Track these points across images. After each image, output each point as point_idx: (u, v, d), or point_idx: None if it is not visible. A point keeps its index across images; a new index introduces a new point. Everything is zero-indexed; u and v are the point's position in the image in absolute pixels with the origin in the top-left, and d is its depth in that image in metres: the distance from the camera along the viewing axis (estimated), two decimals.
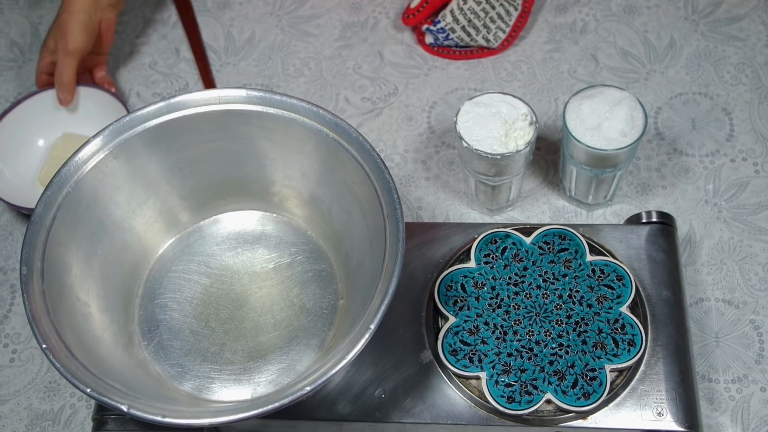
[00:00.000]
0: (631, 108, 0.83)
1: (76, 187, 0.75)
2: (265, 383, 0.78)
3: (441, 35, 1.00)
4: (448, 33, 0.99)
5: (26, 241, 0.72)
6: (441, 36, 1.00)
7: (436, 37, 1.01)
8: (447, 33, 0.99)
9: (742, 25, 1.06)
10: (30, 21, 1.14)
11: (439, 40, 1.01)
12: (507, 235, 0.83)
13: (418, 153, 0.99)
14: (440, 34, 1.00)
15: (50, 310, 0.69)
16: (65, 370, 0.65)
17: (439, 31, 1.00)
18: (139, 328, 0.81)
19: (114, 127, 0.77)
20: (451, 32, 0.99)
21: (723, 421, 0.82)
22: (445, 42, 1.02)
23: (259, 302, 0.82)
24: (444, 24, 0.99)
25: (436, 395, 0.76)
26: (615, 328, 0.77)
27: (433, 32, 1.01)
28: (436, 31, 1.00)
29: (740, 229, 0.92)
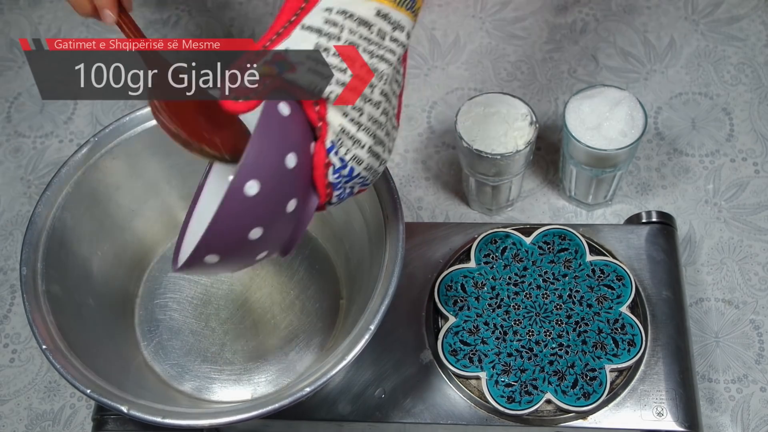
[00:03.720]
0: (631, 108, 0.83)
1: (76, 188, 0.75)
2: (265, 383, 0.78)
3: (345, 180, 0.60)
4: (352, 169, 0.59)
5: (26, 241, 0.72)
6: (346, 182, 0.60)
7: (340, 183, 0.60)
8: (351, 170, 0.59)
9: (742, 25, 1.05)
10: (30, 21, 1.14)
11: (344, 191, 0.60)
12: (507, 235, 0.83)
13: (418, 153, 0.99)
14: (343, 171, 0.59)
15: (50, 310, 0.69)
16: (65, 371, 0.66)
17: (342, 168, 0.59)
18: (139, 328, 0.81)
19: (114, 127, 0.77)
20: (356, 163, 0.58)
21: (723, 421, 0.82)
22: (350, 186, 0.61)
23: (259, 302, 0.82)
24: (344, 153, 0.58)
25: (436, 395, 0.76)
26: (615, 328, 0.77)
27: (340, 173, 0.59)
28: (339, 168, 0.59)
29: (740, 229, 0.92)
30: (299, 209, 0.58)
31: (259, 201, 0.55)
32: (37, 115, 1.06)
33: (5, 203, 1.00)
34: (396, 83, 0.61)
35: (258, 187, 0.54)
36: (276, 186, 0.56)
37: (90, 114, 1.06)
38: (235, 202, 0.54)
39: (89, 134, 1.02)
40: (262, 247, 0.58)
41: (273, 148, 0.55)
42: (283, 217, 0.57)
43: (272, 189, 0.55)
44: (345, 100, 0.57)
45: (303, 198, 0.58)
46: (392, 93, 0.60)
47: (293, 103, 0.58)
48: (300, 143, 0.57)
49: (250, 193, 0.54)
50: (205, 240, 0.55)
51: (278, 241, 0.59)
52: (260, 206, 0.55)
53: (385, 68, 0.58)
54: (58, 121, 1.05)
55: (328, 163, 0.58)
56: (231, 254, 0.57)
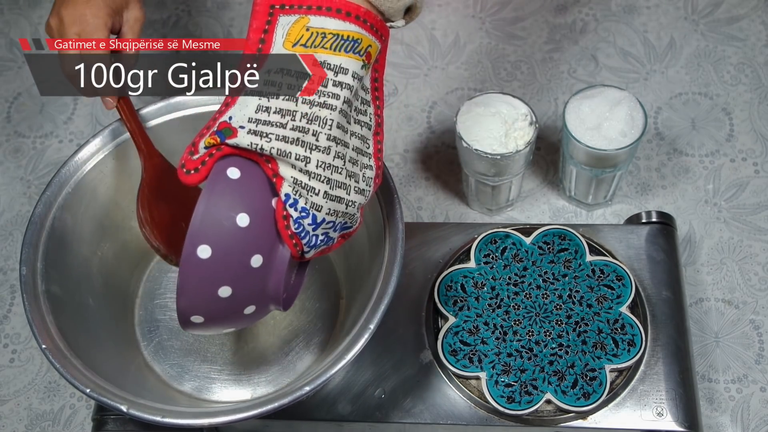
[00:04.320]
0: (631, 108, 0.83)
1: (76, 188, 0.75)
2: (264, 383, 0.78)
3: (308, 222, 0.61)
4: (314, 216, 0.61)
5: (26, 241, 0.72)
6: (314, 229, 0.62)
7: (305, 231, 0.61)
8: (314, 217, 0.61)
9: (742, 25, 1.05)
10: (30, 21, 1.14)
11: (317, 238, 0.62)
12: (507, 235, 0.83)
13: (417, 153, 0.99)
14: (305, 220, 0.61)
15: (50, 310, 0.69)
16: (65, 371, 0.65)
17: (303, 216, 0.61)
18: (139, 328, 0.81)
19: (114, 128, 0.77)
20: (316, 210, 0.60)
21: (723, 421, 0.82)
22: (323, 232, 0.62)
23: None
24: (303, 203, 0.60)
25: (435, 395, 0.76)
26: (615, 328, 0.77)
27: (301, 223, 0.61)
28: (301, 217, 0.60)
29: (740, 229, 0.92)
30: (267, 263, 0.60)
31: (214, 262, 0.58)
32: (37, 115, 1.06)
33: (5, 203, 1.00)
34: (358, 124, 0.62)
35: (210, 250, 0.58)
36: (229, 246, 0.59)
37: (90, 114, 1.06)
38: (191, 268, 0.58)
39: (89, 134, 1.02)
40: (242, 303, 0.61)
41: (220, 212, 0.59)
42: (250, 272, 0.60)
43: (226, 249, 0.59)
44: (287, 153, 0.59)
45: (268, 252, 0.60)
46: (348, 135, 0.62)
47: (249, 164, 0.61)
48: (254, 202, 0.60)
49: (203, 257, 0.58)
50: (180, 305, 0.60)
51: (260, 295, 0.62)
52: (218, 267, 0.59)
53: (328, 114, 0.60)
54: (58, 121, 1.05)
55: (286, 215, 0.60)
56: (212, 314, 0.61)
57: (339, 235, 0.64)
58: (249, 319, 0.64)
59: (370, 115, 0.64)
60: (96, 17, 0.72)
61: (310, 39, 0.60)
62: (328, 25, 0.60)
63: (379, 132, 0.65)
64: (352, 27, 0.60)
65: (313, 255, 0.63)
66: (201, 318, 0.61)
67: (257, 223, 0.60)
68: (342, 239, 0.65)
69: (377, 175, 0.64)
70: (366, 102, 0.63)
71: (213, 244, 0.58)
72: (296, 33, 0.60)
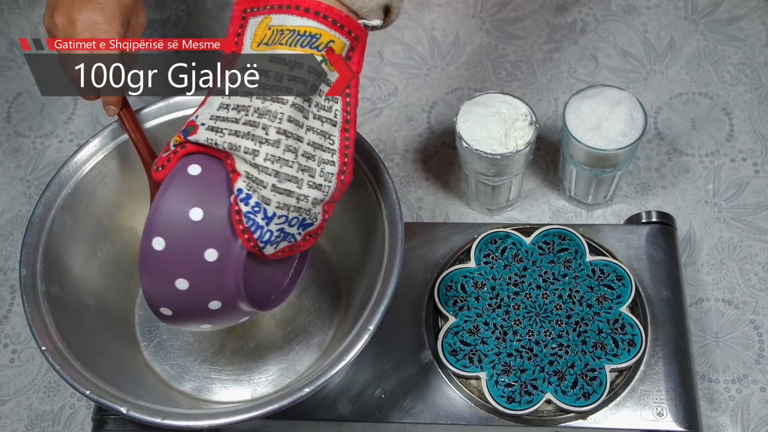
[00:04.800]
0: (631, 108, 0.83)
1: (76, 188, 0.75)
2: (264, 384, 0.78)
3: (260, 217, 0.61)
4: (265, 210, 0.61)
5: (25, 242, 0.72)
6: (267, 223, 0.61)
7: (258, 226, 0.61)
8: (264, 211, 0.61)
9: (742, 25, 1.05)
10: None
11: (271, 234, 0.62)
12: (507, 235, 0.83)
13: (418, 153, 0.99)
14: (257, 215, 0.61)
15: (50, 311, 0.69)
16: (64, 372, 0.65)
17: (255, 211, 0.61)
18: (139, 328, 0.81)
19: (113, 128, 0.77)
20: (265, 203, 0.60)
21: (723, 421, 0.82)
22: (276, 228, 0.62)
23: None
24: (256, 198, 0.61)
25: (436, 395, 0.76)
26: (615, 328, 0.77)
27: (251, 218, 0.61)
28: (252, 211, 0.61)
29: (740, 229, 0.92)
30: (223, 258, 0.61)
31: (168, 254, 0.60)
32: (36, 115, 1.06)
33: (5, 203, 1.00)
34: (318, 119, 0.62)
35: (163, 242, 0.60)
36: (182, 239, 0.60)
37: (90, 114, 1.06)
38: (147, 258, 0.61)
39: (89, 134, 1.02)
40: (203, 297, 0.62)
41: (174, 206, 0.61)
42: (205, 266, 0.60)
43: (178, 242, 0.60)
44: (237, 147, 0.60)
45: (224, 247, 0.61)
46: (304, 129, 0.62)
47: (213, 162, 0.62)
48: (210, 197, 0.61)
49: (158, 249, 0.60)
50: (146, 296, 0.63)
51: (221, 291, 0.62)
52: (172, 259, 0.61)
53: (278, 108, 0.60)
54: (58, 121, 1.05)
55: (238, 210, 0.61)
56: (177, 307, 0.63)
57: (304, 233, 0.64)
58: (221, 316, 0.64)
59: (336, 112, 0.63)
60: (110, 25, 0.72)
61: (271, 37, 0.61)
62: (287, 22, 0.61)
63: (348, 129, 0.64)
64: (310, 23, 0.61)
65: (275, 253, 0.63)
66: (169, 311, 0.63)
67: (211, 217, 0.61)
68: (310, 238, 0.64)
69: (342, 171, 0.63)
70: (332, 98, 0.63)
71: (166, 237, 0.60)
72: (261, 33, 0.62)
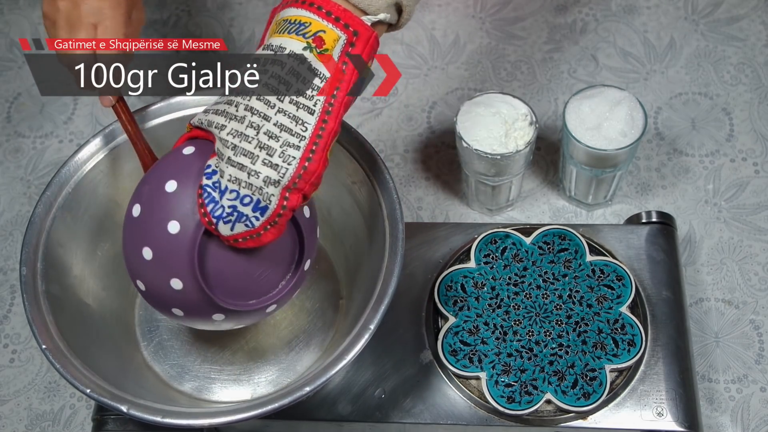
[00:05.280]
0: (631, 108, 0.83)
1: (76, 188, 0.75)
2: (265, 383, 0.78)
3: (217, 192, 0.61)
4: (218, 183, 0.61)
5: (26, 241, 0.72)
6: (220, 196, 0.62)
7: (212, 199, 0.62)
8: (218, 183, 0.61)
9: (742, 25, 1.05)
10: (30, 21, 1.14)
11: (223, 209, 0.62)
12: (507, 235, 0.83)
13: (418, 153, 0.99)
14: (215, 190, 0.61)
15: (50, 310, 0.69)
16: (65, 371, 0.65)
17: (215, 186, 0.61)
18: (139, 328, 0.81)
19: (113, 128, 0.77)
20: (221, 176, 0.61)
21: (723, 421, 0.82)
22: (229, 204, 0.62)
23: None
24: (215, 167, 0.62)
25: (436, 395, 0.76)
26: (615, 328, 0.77)
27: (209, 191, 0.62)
28: (212, 186, 0.62)
29: (740, 229, 0.92)
30: (184, 232, 0.62)
31: (141, 221, 0.63)
32: (36, 115, 1.06)
33: (5, 203, 1.00)
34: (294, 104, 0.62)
35: (139, 209, 0.64)
36: (153, 207, 0.63)
37: (90, 114, 1.06)
38: (127, 223, 0.64)
39: (89, 134, 1.02)
40: (165, 271, 0.63)
41: (155, 178, 0.64)
42: (167, 237, 0.62)
43: (150, 210, 0.63)
44: (210, 123, 0.63)
45: (185, 219, 0.62)
46: (275, 110, 0.62)
47: (209, 145, 0.64)
48: (190, 174, 0.63)
49: (135, 214, 0.64)
50: (126, 263, 0.66)
51: (180, 268, 0.62)
52: (142, 225, 0.63)
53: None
54: (58, 121, 1.05)
55: (201, 183, 0.62)
56: (145, 280, 0.65)
57: (263, 219, 0.62)
58: (186, 302, 0.64)
59: (317, 101, 0.62)
60: (115, 12, 0.72)
61: (275, 29, 0.64)
62: (288, 13, 0.63)
63: (327, 120, 0.63)
64: (303, 12, 0.62)
65: (234, 235, 0.62)
66: (142, 285, 0.65)
67: (183, 191, 0.62)
68: (271, 227, 0.62)
69: (306, 158, 0.62)
70: (315, 87, 0.62)
71: (142, 204, 0.63)
72: (273, 27, 0.64)
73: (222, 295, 0.64)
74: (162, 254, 0.62)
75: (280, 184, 0.61)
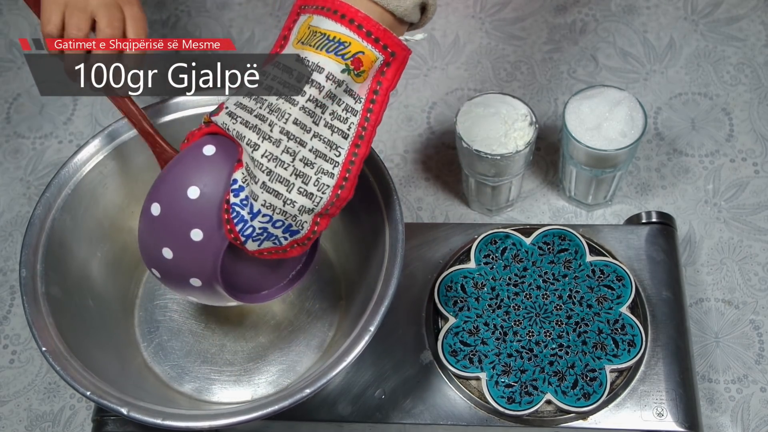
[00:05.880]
0: (630, 108, 0.83)
1: (75, 189, 0.75)
2: (265, 384, 0.78)
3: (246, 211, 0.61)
4: (251, 206, 0.61)
5: (25, 243, 0.72)
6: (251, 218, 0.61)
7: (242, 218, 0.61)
8: (251, 206, 0.61)
9: (741, 25, 1.05)
10: (30, 21, 1.14)
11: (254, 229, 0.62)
12: (507, 236, 0.83)
13: (417, 153, 0.99)
14: (244, 209, 0.61)
15: (50, 312, 0.69)
16: (65, 373, 0.65)
17: (243, 204, 0.61)
18: (139, 329, 0.81)
19: (113, 129, 0.77)
20: (253, 199, 0.61)
21: (723, 421, 0.82)
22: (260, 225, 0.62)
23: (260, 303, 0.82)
24: (248, 191, 0.61)
25: (436, 396, 0.76)
26: (615, 329, 0.77)
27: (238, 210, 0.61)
28: (240, 204, 0.61)
29: (740, 229, 0.92)
30: (207, 241, 0.63)
31: (161, 222, 0.63)
32: (36, 116, 1.06)
33: (5, 204, 1.00)
34: (329, 128, 0.61)
35: (159, 209, 0.63)
36: (175, 211, 0.63)
37: (89, 115, 1.06)
38: (145, 220, 0.64)
39: (89, 135, 1.02)
40: (184, 271, 0.64)
41: (177, 179, 0.63)
42: (189, 243, 0.63)
43: (172, 213, 0.63)
44: (242, 137, 0.61)
45: (210, 231, 0.62)
46: (311, 135, 0.61)
47: (229, 145, 0.63)
48: (212, 180, 0.63)
49: (154, 214, 0.63)
50: (141, 253, 0.66)
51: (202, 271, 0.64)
52: (163, 227, 0.63)
53: (288, 108, 0.60)
54: (58, 122, 1.05)
55: (228, 199, 0.62)
56: (163, 273, 0.66)
57: (291, 240, 0.63)
58: (204, 293, 0.66)
59: (351, 125, 0.62)
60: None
61: (306, 36, 0.61)
62: (323, 24, 0.60)
63: (360, 144, 0.62)
64: (343, 29, 0.60)
65: (259, 250, 0.63)
66: (158, 273, 0.66)
67: (206, 199, 0.62)
68: (298, 247, 0.64)
69: (340, 186, 0.62)
70: (351, 110, 0.62)
71: (163, 206, 0.63)
72: (302, 31, 0.62)
73: (239, 292, 0.67)
74: (183, 257, 0.64)
75: (314, 212, 0.62)
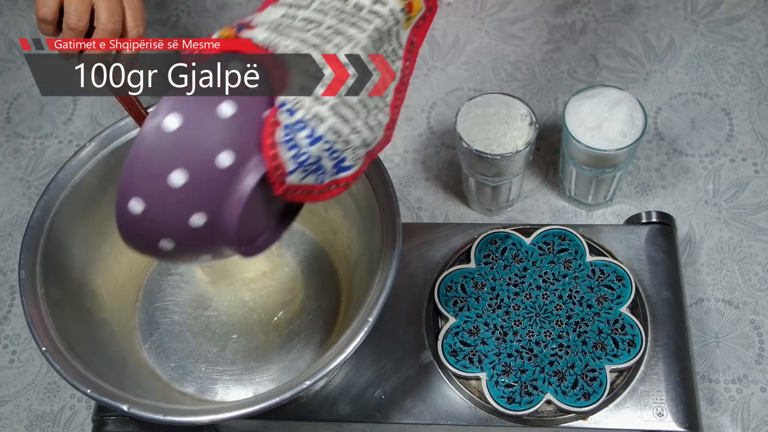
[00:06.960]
0: (630, 108, 0.83)
1: (75, 191, 0.75)
2: (266, 383, 0.78)
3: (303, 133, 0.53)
4: (313, 130, 0.53)
5: (24, 245, 0.71)
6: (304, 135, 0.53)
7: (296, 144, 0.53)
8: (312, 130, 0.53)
9: (741, 25, 1.06)
10: (30, 21, 1.14)
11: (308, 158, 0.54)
12: (507, 236, 0.83)
13: (417, 153, 0.99)
14: (301, 131, 0.53)
15: (50, 313, 0.69)
16: (65, 372, 0.65)
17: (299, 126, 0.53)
18: (140, 331, 0.81)
19: (111, 131, 0.77)
20: (319, 121, 0.53)
21: (723, 421, 0.82)
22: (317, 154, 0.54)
23: (259, 302, 0.82)
24: (302, 114, 0.53)
25: (436, 396, 0.76)
26: (615, 329, 0.77)
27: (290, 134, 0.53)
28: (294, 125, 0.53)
29: (740, 229, 0.92)
30: (235, 168, 0.51)
31: (179, 138, 0.50)
32: (36, 115, 1.06)
33: (5, 204, 1.00)
34: None
35: (179, 121, 0.50)
36: (201, 126, 0.51)
37: (89, 115, 1.06)
38: (152, 134, 0.50)
39: (89, 135, 1.02)
40: (189, 202, 0.52)
41: (203, 94, 0.52)
42: (213, 168, 0.51)
43: (195, 128, 0.50)
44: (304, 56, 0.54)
45: (240, 155, 0.51)
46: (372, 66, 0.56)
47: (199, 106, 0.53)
48: (246, 100, 0.52)
49: (170, 128, 0.50)
50: (125, 178, 0.51)
51: (211, 204, 0.52)
52: (181, 144, 0.50)
53: (356, 32, 0.54)
54: (58, 122, 1.05)
55: (275, 121, 0.52)
56: (155, 201, 0.52)
57: (332, 179, 0.56)
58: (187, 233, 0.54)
59: (397, 69, 0.57)
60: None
61: None
62: None
63: (401, 90, 0.58)
64: None
65: (293, 186, 0.54)
66: (141, 204, 0.53)
67: (243, 122, 0.52)
68: (335, 188, 0.57)
69: (388, 127, 0.57)
70: (397, 56, 0.58)
71: (185, 117, 0.51)
72: None
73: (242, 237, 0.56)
74: (198, 183, 0.51)
75: (369, 148, 0.57)
